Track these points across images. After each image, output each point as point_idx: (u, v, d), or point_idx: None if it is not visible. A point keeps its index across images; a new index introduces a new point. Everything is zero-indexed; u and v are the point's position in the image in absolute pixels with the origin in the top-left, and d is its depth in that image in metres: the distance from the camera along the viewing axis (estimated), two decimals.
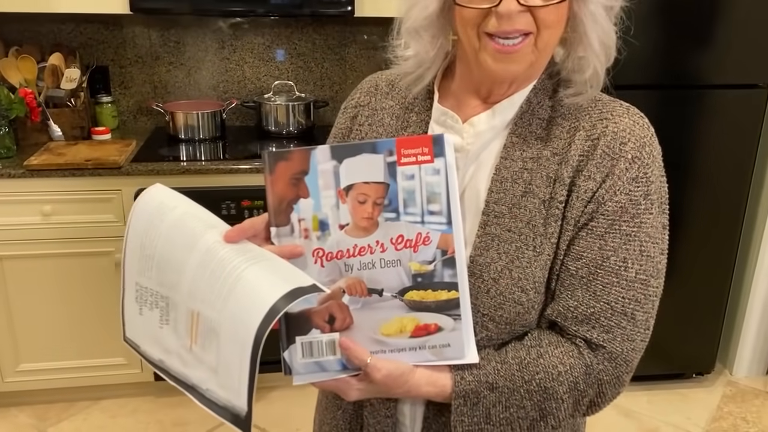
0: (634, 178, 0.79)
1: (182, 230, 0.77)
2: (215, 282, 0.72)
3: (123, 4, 2.23)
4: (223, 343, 0.72)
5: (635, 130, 0.80)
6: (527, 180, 0.81)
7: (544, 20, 0.75)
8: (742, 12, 2.18)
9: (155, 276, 0.78)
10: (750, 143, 2.35)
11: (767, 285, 2.60)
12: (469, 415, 0.81)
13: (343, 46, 2.72)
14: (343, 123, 0.97)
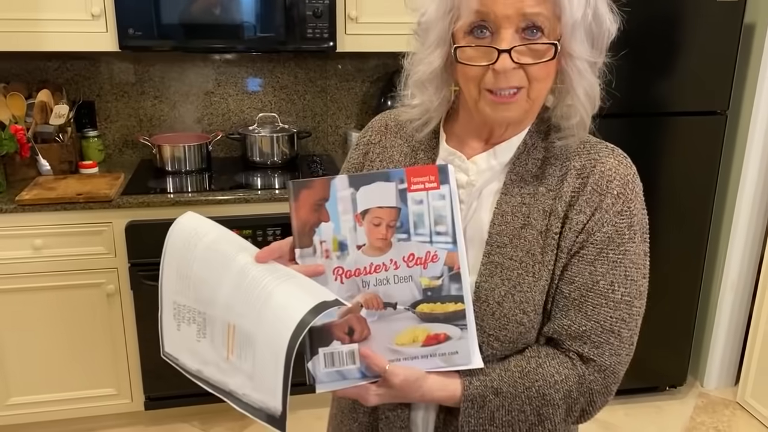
0: (619, 212, 0.89)
1: (216, 253, 0.86)
2: (249, 298, 0.81)
3: (112, 43, 2.30)
4: (258, 352, 0.80)
5: (620, 169, 0.91)
6: (525, 213, 0.91)
7: (535, 75, 0.84)
8: (699, 45, 2.34)
9: (192, 294, 0.87)
10: (711, 165, 2.50)
11: (732, 301, 2.73)
12: (475, 416, 0.89)
13: (324, 78, 2.82)
14: (356, 158, 1.06)
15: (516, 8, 0.80)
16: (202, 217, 0.92)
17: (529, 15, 0.81)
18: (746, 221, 2.62)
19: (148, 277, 2.26)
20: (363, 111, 2.88)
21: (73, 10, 2.26)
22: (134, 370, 2.38)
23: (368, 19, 2.45)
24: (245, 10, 2.32)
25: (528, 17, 0.81)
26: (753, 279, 2.70)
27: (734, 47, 2.37)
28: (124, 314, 2.32)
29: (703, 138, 2.46)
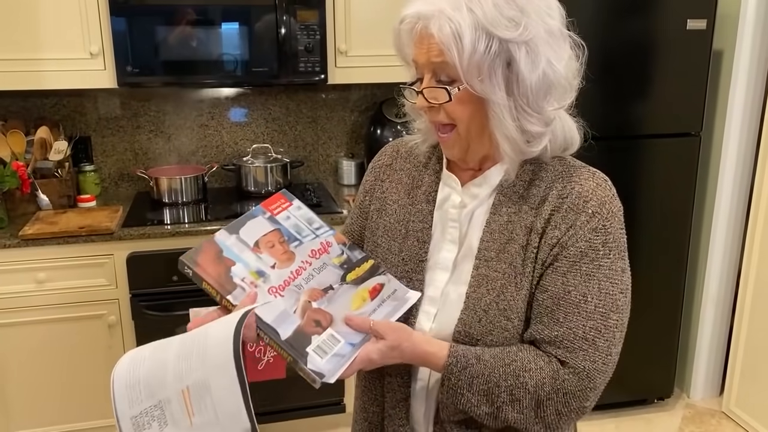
0: (594, 229, 0.96)
1: (158, 347, 0.92)
2: (191, 352, 0.87)
3: (110, 80, 2.38)
4: (214, 388, 0.84)
5: (597, 191, 0.98)
6: (510, 230, 1.00)
7: (451, 115, 0.96)
8: (672, 70, 2.47)
9: (144, 393, 0.89)
10: (688, 184, 2.62)
11: (713, 315, 2.84)
12: (456, 375, 0.96)
13: (315, 109, 2.91)
14: (370, 181, 1.19)
15: (426, 57, 0.93)
16: (136, 349, 0.96)
17: (434, 63, 0.93)
18: (723, 237, 2.74)
19: (150, 306, 2.31)
20: (352, 140, 2.98)
21: (72, 50, 2.33)
22: None
23: (357, 53, 2.55)
24: (240, 46, 2.42)
25: (435, 65, 0.93)
26: (732, 292, 2.81)
27: (705, 72, 2.51)
28: (125, 344, 2.36)
29: (679, 158, 2.59)
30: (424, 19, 0.92)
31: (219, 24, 2.39)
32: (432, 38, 0.91)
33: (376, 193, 1.16)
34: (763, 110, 2.57)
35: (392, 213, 1.12)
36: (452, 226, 1.06)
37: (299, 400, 2.55)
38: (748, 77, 2.56)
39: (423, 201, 1.09)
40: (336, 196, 2.75)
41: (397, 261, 1.08)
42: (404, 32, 0.97)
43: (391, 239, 1.10)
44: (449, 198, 1.07)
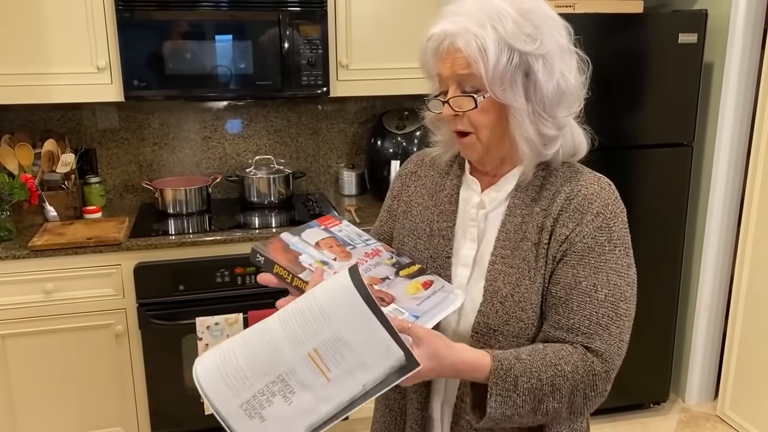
0: (599, 227, 1.04)
1: (252, 336, 0.92)
2: (304, 321, 0.89)
3: (117, 94, 2.43)
4: (350, 338, 0.87)
5: (601, 193, 1.07)
6: (524, 230, 1.09)
7: (474, 122, 1.05)
8: (665, 82, 2.54)
9: (253, 377, 0.90)
10: (681, 192, 2.69)
11: (707, 320, 2.90)
12: (503, 378, 0.97)
13: (316, 121, 2.97)
14: (397, 187, 1.28)
15: (452, 70, 1.03)
16: (214, 349, 0.96)
17: (460, 75, 1.02)
18: (715, 244, 2.81)
19: (156, 316, 2.34)
20: (353, 151, 3.04)
21: (80, 64, 2.38)
22: (142, 408, 2.45)
23: (358, 66, 2.62)
24: (244, 60, 2.47)
25: (460, 77, 1.02)
26: (725, 298, 2.88)
27: (696, 84, 2.59)
28: (132, 353, 2.39)
29: (672, 168, 2.66)
30: (451, 36, 1.00)
31: (224, 39, 2.44)
32: (459, 53, 1.00)
33: (402, 197, 1.25)
34: (752, 121, 2.65)
35: (417, 214, 1.20)
36: (472, 225, 1.14)
37: None
38: (738, 89, 2.64)
39: (446, 202, 1.17)
40: (337, 206, 2.80)
41: (425, 258, 1.15)
42: (430, 49, 1.05)
43: (417, 238, 1.18)
44: (470, 199, 1.16)
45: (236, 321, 2.35)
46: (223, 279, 2.39)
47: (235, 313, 2.36)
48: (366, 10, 2.58)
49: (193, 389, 2.44)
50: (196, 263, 2.37)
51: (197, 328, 2.32)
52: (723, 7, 2.61)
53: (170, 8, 2.37)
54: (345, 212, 2.69)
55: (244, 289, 2.42)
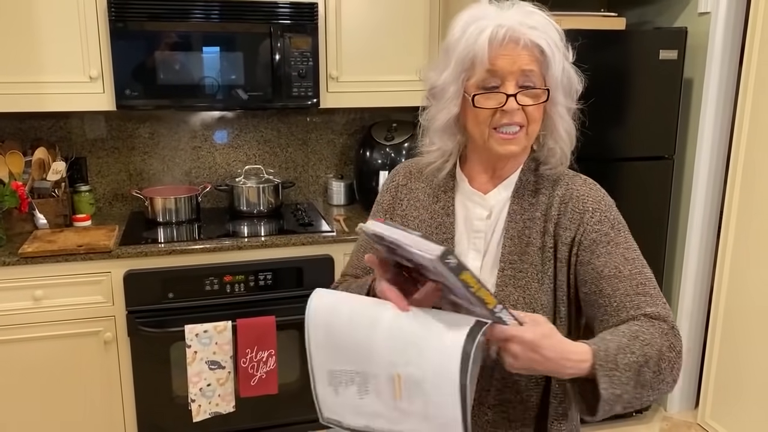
0: (599, 221, 1.12)
1: (361, 317, 0.96)
2: (407, 342, 0.91)
3: (109, 103, 2.45)
4: (430, 391, 0.88)
5: (591, 193, 1.15)
6: (527, 235, 1.14)
7: (531, 115, 1.10)
8: (646, 97, 2.61)
9: (345, 359, 0.96)
10: (663, 203, 2.76)
11: (687, 330, 2.96)
12: (604, 359, 0.94)
13: (305, 132, 3.01)
14: (388, 200, 1.28)
15: (518, 66, 1.07)
16: (331, 291, 1.02)
17: (526, 71, 1.08)
18: (696, 254, 2.87)
19: (145, 323, 2.36)
20: (342, 162, 3.08)
21: (72, 73, 2.41)
22: (129, 416, 2.45)
23: (347, 78, 2.67)
24: (236, 71, 2.51)
25: (525, 72, 1.08)
26: (705, 308, 2.94)
27: (677, 99, 2.66)
28: (120, 361, 2.40)
29: (653, 180, 2.72)
30: (521, 33, 1.06)
31: (216, 50, 2.48)
32: (527, 49, 1.07)
33: (396, 212, 1.26)
34: (731, 134, 2.73)
35: (415, 228, 1.20)
36: (478, 237, 1.17)
37: (290, 416, 2.60)
38: (717, 104, 2.72)
39: (443, 215, 1.20)
40: (326, 215, 2.84)
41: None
42: (485, 41, 1.06)
43: None
44: (472, 211, 1.18)
45: (225, 328, 2.37)
46: (212, 287, 2.41)
47: (224, 321, 2.38)
48: (356, 23, 2.64)
49: (181, 397, 2.45)
50: (186, 271, 2.39)
51: (186, 335, 2.34)
52: (702, 25, 2.69)
53: (163, 19, 2.41)
54: (334, 222, 2.72)
55: (232, 297, 2.44)
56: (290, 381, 2.58)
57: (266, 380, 2.47)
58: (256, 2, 2.47)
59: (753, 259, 2.50)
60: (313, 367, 1.00)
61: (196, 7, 2.42)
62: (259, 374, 2.46)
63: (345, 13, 2.62)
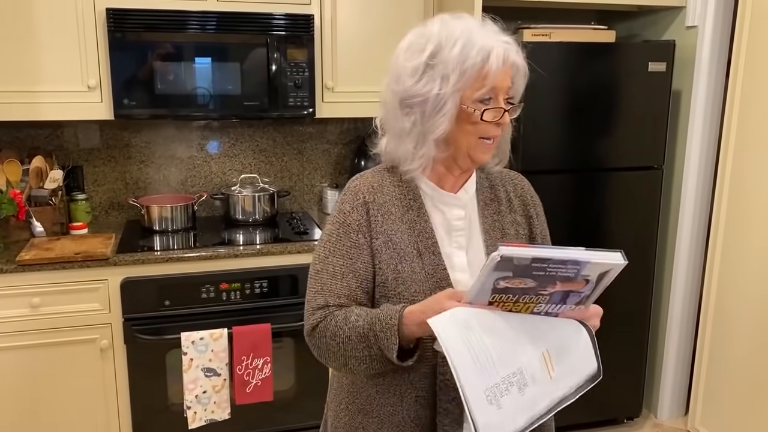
0: (540, 213, 1.38)
1: (492, 324, 1.05)
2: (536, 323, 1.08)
3: (106, 112, 2.48)
4: (572, 347, 1.09)
5: (529, 189, 1.40)
6: (500, 227, 1.30)
7: (506, 126, 1.24)
8: (636, 108, 2.67)
9: (500, 366, 1.02)
10: (652, 212, 2.81)
11: (677, 337, 3.00)
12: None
13: (301, 141, 3.04)
14: (361, 217, 1.23)
15: (506, 83, 1.20)
16: (442, 316, 1.03)
17: (507, 87, 1.21)
18: (685, 262, 2.92)
19: (142, 330, 2.37)
20: (337, 171, 3.11)
21: (70, 83, 2.43)
22: (125, 423, 2.46)
23: (343, 89, 2.71)
24: (233, 82, 2.54)
25: (507, 89, 1.21)
26: (695, 315, 2.99)
27: (665, 110, 2.72)
28: (116, 368, 2.41)
29: (643, 190, 2.77)
30: (512, 52, 1.19)
31: (213, 60, 2.51)
32: (513, 66, 1.19)
33: (376, 229, 1.23)
34: (718, 145, 2.78)
35: (399, 240, 1.22)
36: (460, 235, 1.26)
37: (285, 423, 2.62)
38: (704, 115, 2.77)
39: (420, 221, 1.24)
40: (321, 224, 2.87)
41: (423, 277, 1.20)
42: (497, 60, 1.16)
43: (411, 261, 1.21)
44: (449, 212, 1.26)
45: (221, 336, 2.39)
46: (209, 295, 2.44)
47: (220, 329, 2.40)
48: (351, 35, 2.68)
49: (177, 404, 2.46)
50: (182, 279, 2.41)
51: (182, 342, 2.36)
52: (689, 39, 2.76)
53: (161, 30, 2.44)
54: None
55: (229, 304, 2.46)
56: (285, 388, 2.59)
57: (262, 387, 2.49)
58: (252, 14, 2.51)
59: (741, 266, 2.55)
60: (467, 401, 0.99)
61: (194, 18, 2.46)
62: (255, 381, 2.48)
63: (340, 24, 2.66)
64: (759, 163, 2.43)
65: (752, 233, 2.48)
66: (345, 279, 1.21)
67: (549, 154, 2.59)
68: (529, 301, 1.07)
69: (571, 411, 1.28)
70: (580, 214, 2.67)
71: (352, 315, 1.17)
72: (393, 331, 1.10)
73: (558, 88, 2.55)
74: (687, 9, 2.76)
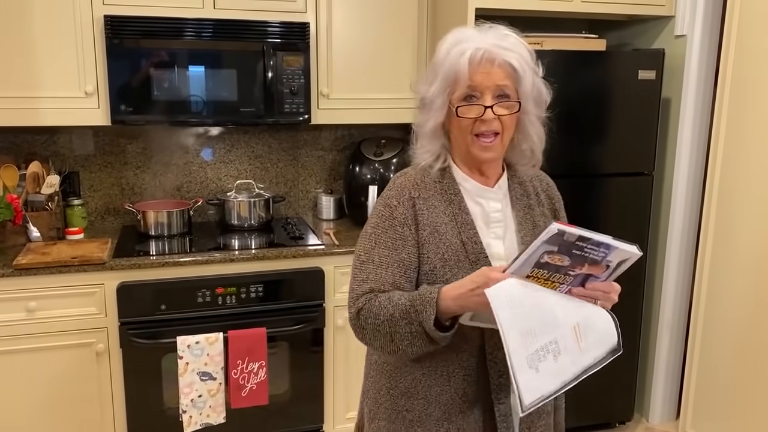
0: (562, 208, 1.51)
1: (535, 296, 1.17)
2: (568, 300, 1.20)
3: (104, 118, 2.50)
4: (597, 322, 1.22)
5: (554, 186, 1.52)
6: (532, 220, 1.40)
7: (506, 124, 1.29)
8: (627, 115, 2.71)
9: (540, 334, 1.16)
10: (642, 218, 2.85)
11: (668, 342, 3.04)
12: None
13: (296, 148, 3.07)
14: (407, 211, 1.34)
15: (493, 81, 1.27)
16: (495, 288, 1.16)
17: (500, 85, 1.27)
18: (675, 267, 2.96)
19: (137, 335, 2.39)
20: (331, 177, 3.14)
21: (68, 89, 2.46)
22: (120, 427, 2.47)
23: (338, 96, 2.74)
24: (229, 88, 2.57)
25: (500, 87, 1.28)
26: (685, 320, 3.02)
27: (655, 117, 2.76)
28: (112, 372, 2.42)
29: (633, 195, 2.81)
30: (496, 54, 1.25)
31: (210, 67, 2.54)
32: (501, 67, 1.26)
33: (423, 222, 1.33)
34: (707, 151, 2.83)
35: (445, 231, 1.32)
36: (498, 226, 1.36)
37: (280, 427, 2.63)
38: (693, 122, 2.82)
39: (461, 213, 1.34)
40: (316, 229, 2.89)
41: (468, 265, 1.29)
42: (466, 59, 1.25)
43: (457, 251, 1.32)
44: (487, 205, 1.36)
45: (216, 340, 2.41)
46: (204, 299, 2.45)
47: (216, 333, 2.41)
48: (346, 43, 2.72)
49: (172, 408, 2.47)
50: (178, 283, 2.43)
51: (178, 346, 2.37)
52: (678, 47, 2.81)
53: (158, 37, 2.47)
54: (324, 235, 2.78)
55: (224, 308, 2.48)
56: (280, 392, 2.61)
57: (257, 391, 2.50)
58: (249, 21, 2.55)
59: (731, 271, 2.59)
60: (513, 365, 1.14)
61: (191, 25, 2.49)
62: (250, 385, 2.49)
63: (336, 32, 2.70)
64: (747, 169, 2.47)
65: (741, 238, 2.52)
66: (390, 268, 1.30)
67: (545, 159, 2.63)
68: (557, 279, 1.18)
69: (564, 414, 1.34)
70: (571, 218, 2.68)
71: (395, 295, 1.27)
72: (432, 303, 1.20)
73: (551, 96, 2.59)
74: (676, 19, 2.81)
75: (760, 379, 2.48)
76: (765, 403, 2.46)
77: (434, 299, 1.20)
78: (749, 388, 2.54)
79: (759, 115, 2.40)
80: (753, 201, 2.46)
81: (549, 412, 1.42)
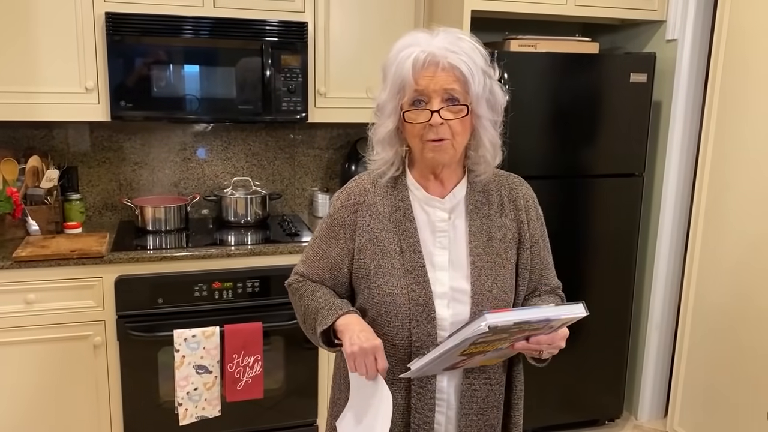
0: (539, 217, 1.43)
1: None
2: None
3: (103, 113, 2.53)
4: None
5: (528, 192, 1.44)
6: (487, 230, 1.36)
7: (456, 129, 1.26)
8: (618, 117, 2.76)
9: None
10: (633, 218, 2.90)
11: (657, 340, 3.09)
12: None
13: (292, 146, 3.11)
14: (349, 217, 1.37)
15: (440, 85, 1.24)
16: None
17: (448, 90, 1.24)
18: (665, 268, 3.01)
19: (135, 328, 2.42)
20: (327, 175, 3.18)
21: (68, 84, 2.49)
22: (116, 420, 2.50)
23: (335, 95, 2.78)
24: (227, 86, 2.61)
25: (447, 91, 1.24)
26: (674, 319, 3.07)
27: (646, 120, 2.81)
28: (109, 365, 2.45)
29: (624, 196, 2.86)
30: (442, 57, 1.23)
31: (209, 65, 2.58)
32: (447, 70, 1.23)
33: (362, 228, 1.36)
34: (697, 153, 2.88)
35: (384, 238, 1.34)
36: (442, 236, 1.35)
37: (274, 421, 2.67)
38: (684, 125, 2.88)
39: (405, 221, 1.35)
40: (311, 226, 2.93)
41: (402, 273, 1.31)
42: (409, 62, 1.23)
43: (392, 258, 1.33)
44: (433, 214, 1.35)
45: (213, 334, 2.44)
46: (201, 293, 2.48)
47: (212, 327, 2.45)
48: (343, 42, 2.76)
49: (168, 401, 2.50)
50: (176, 277, 2.46)
51: (175, 340, 2.40)
52: (670, 51, 2.86)
53: (158, 34, 2.50)
54: None
55: (221, 303, 2.51)
56: (275, 386, 2.64)
57: (252, 385, 2.54)
58: (248, 20, 2.58)
59: (719, 271, 2.64)
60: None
61: (191, 23, 2.52)
62: (245, 379, 2.53)
63: (333, 32, 2.74)
64: (736, 171, 2.53)
65: (729, 238, 2.58)
66: (321, 261, 1.40)
67: (533, 160, 2.68)
68: (495, 343, 1.20)
69: (552, 412, 1.38)
70: (562, 219, 2.75)
71: (318, 291, 1.39)
72: (332, 318, 1.30)
73: (542, 96, 2.64)
74: (667, 23, 2.86)
75: (745, 377, 2.53)
76: (749, 400, 2.51)
77: (336, 316, 1.30)
78: (737, 386, 2.59)
79: (748, 118, 2.45)
80: (742, 203, 2.51)
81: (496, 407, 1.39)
